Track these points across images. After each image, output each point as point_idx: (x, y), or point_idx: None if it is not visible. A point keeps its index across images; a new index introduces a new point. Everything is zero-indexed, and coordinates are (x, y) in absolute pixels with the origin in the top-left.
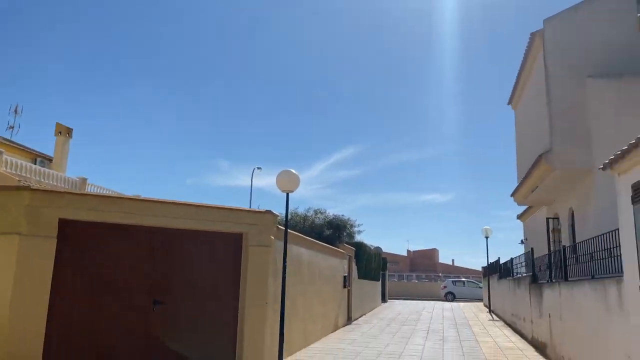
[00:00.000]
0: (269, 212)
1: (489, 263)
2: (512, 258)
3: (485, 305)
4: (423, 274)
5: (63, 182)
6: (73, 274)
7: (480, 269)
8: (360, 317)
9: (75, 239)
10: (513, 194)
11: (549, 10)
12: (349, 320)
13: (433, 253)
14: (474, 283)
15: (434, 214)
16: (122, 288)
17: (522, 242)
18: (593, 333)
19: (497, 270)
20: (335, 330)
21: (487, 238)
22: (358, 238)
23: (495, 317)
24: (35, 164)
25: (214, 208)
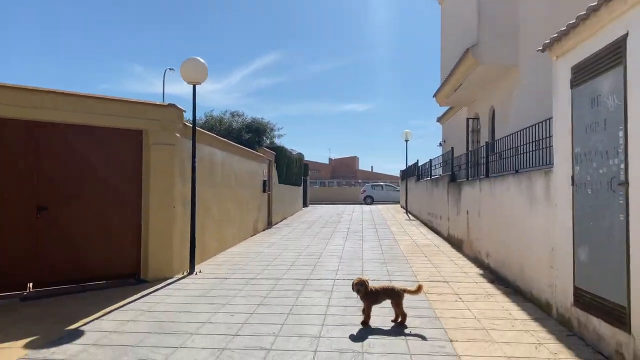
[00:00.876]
0: (172, 105)
1: (408, 166)
2: (430, 159)
3: (403, 207)
4: (344, 181)
5: None
6: None
7: (398, 174)
8: (281, 221)
9: None
10: (436, 94)
11: None
12: (270, 225)
13: (353, 161)
14: (392, 187)
15: (355, 123)
16: None
17: (440, 144)
18: (514, 227)
19: (415, 173)
20: (255, 234)
21: (406, 142)
22: (278, 143)
23: (412, 217)
24: None
25: (107, 100)
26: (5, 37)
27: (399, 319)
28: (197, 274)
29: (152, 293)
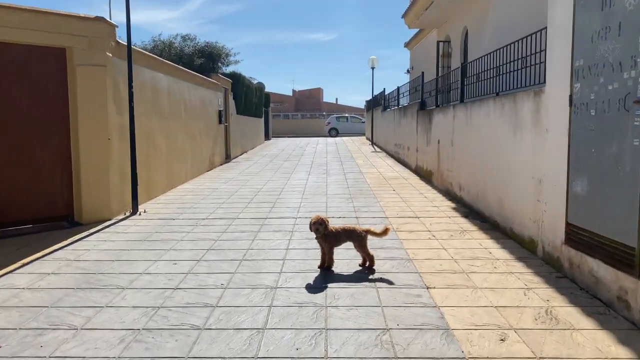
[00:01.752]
0: (101, 19)
1: (374, 96)
2: (398, 87)
3: (368, 139)
4: (308, 113)
5: None
6: None
7: (363, 107)
8: (241, 155)
9: None
10: (405, 15)
11: None
12: (228, 159)
13: (318, 92)
14: (357, 118)
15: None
16: None
17: (408, 71)
18: (493, 157)
19: (381, 102)
20: (212, 169)
21: (372, 69)
22: (236, 69)
23: (378, 149)
24: None
25: (20, 10)
26: None
27: (367, 263)
28: (140, 215)
29: (84, 238)
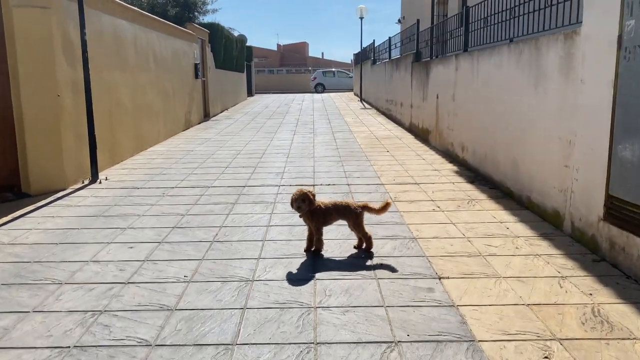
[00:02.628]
0: None
1: (362, 48)
2: (389, 37)
3: (357, 95)
4: (293, 68)
5: None
6: None
7: (350, 61)
8: (221, 112)
9: None
10: None
11: None
12: (207, 117)
13: (303, 47)
14: (344, 73)
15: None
16: None
17: (399, 21)
18: (505, 113)
19: (371, 56)
20: (188, 129)
21: (361, 19)
22: (214, 20)
23: (368, 105)
24: None
25: None
26: None
27: (363, 245)
28: (101, 183)
29: (28, 214)
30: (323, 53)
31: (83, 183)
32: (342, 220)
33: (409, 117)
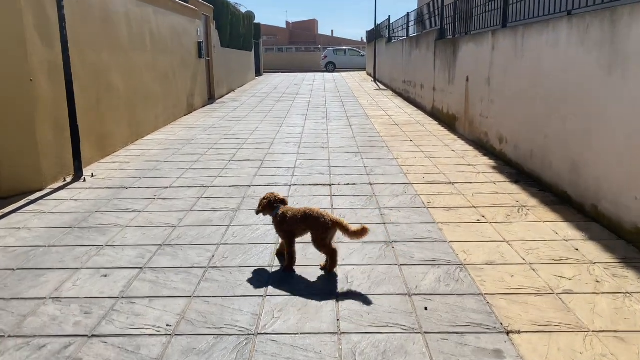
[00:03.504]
0: None
1: (377, 25)
2: (408, 13)
3: (370, 75)
4: (303, 47)
5: None
6: None
7: (361, 39)
8: (228, 94)
9: None
10: None
11: None
12: (212, 99)
13: (313, 24)
14: (356, 51)
15: None
16: None
17: None
18: (563, 101)
19: (386, 33)
20: (191, 113)
21: None
22: None
23: (382, 86)
24: None
25: None
26: None
27: (327, 264)
28: (85, 181)
29: None
30: (333, 31)
31: (65, 181)
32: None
33: (431, 100)
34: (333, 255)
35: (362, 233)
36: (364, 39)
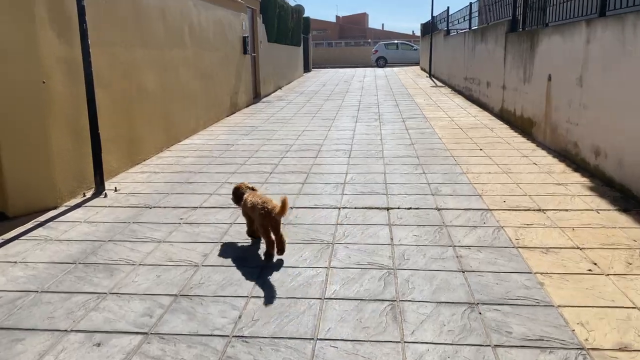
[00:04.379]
0: None
1: (433, 16)
2: (470, 2)
3: (424, 70)
4: (352, 41)
5: None
6: None
7: (412, 32)
8: (274, 92)
9: None
10: None
11: None
12: (257, 98)
13: (362, 18)
14: (408, 45)
15: None
16: None
17: None
18: None
19: (443, 25)
20: (234, 113)
21: None
22: None
23: (439, 82)
24: None
25: None
26: None
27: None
28: (106, 196)
29: None
30: (383, 24)
31: (84, 196)
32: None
33: (500, 100)
34: (270, 242)
35: (283, 210)
36: (416, 32)
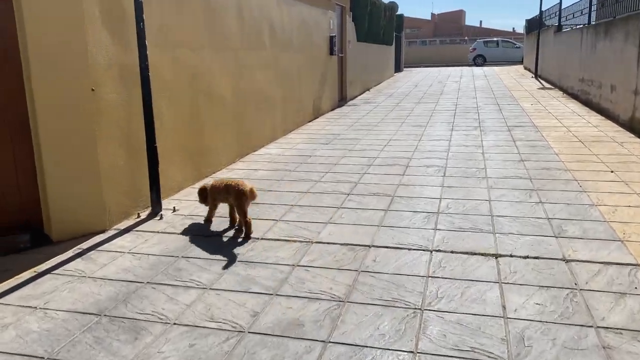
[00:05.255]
0: None
1: (541, 11)
2: None
3: (528, 69)
4: (447, 39)
5: None
6: None
7: (512, 29)
8: (361, 94)
9: None
10: None
11: None
12: (343, 101)
13: (459, 15)
14: (510, 43)
15: None
16: None
17: None
18: None
19: (554, 21)
20: (316, 118)
21: None
22: None
23: (547, 84)
24: None
25: None
26: None
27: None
28: (162, 218)
29: (22, 286)
30: (481, 21)
31: (138, 217)
32: None
33: (630, 108)
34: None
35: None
36: (517, 29)
